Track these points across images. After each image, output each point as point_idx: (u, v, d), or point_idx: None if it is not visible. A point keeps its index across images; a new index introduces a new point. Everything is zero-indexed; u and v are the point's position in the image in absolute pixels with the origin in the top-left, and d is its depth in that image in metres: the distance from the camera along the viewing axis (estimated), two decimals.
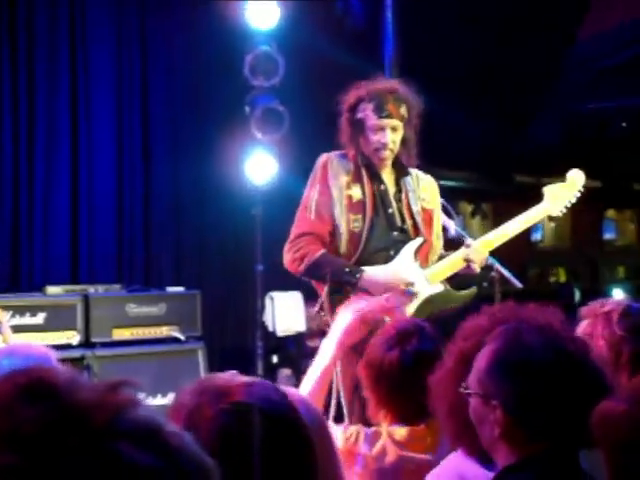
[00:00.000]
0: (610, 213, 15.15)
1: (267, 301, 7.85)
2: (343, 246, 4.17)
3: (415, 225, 4.28)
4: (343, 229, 4.17)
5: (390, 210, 4.24)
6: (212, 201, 8.20)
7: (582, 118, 10.49)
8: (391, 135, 4.17)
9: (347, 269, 4.08)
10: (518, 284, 4.47)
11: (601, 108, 10.42)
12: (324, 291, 4.13)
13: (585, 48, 9.63)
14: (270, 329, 7.84)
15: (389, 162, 4.27)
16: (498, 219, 11.98)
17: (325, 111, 8.32)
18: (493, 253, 4.47)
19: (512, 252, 4.50)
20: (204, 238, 8.29)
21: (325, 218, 4.19)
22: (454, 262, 4.24)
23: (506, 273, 4.46)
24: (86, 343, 6.40)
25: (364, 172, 4.25)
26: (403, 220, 4.26)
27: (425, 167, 4.44)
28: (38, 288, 6.76)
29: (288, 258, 4.31)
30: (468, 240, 4.27)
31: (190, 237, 8.23)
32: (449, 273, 4.24)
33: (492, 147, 9.96)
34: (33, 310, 6.28)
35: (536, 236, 13.82)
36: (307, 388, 3.06)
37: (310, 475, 1.51)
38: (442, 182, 4.76)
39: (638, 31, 9.48)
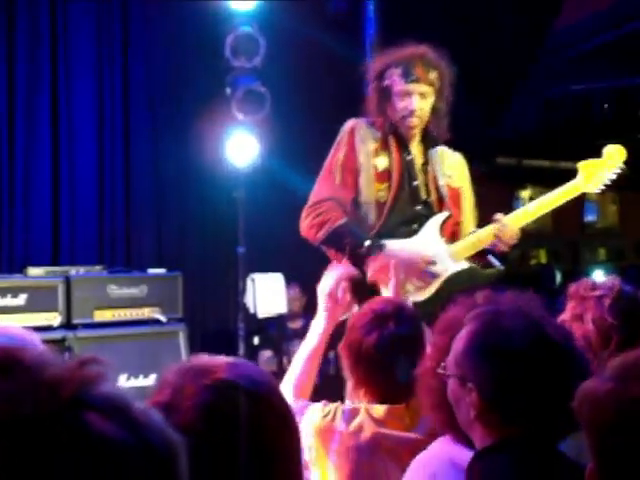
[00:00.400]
0: (591, 195, 15.17)
1: (248, 283, 7.84)
2: (365, 216, 3.98)
3: (440, 199, 4.09)
4: (368, 198, 3.99)
5: (415, 182, 4.05)
6: (193, 183, 8.19)
7: (562, 101, 10.51)
8: (419, 101, 3.97)
9: (368, 242, 3.84)
10: (499, 266, 4.47)
11: (582, 90, 10.45)
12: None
13: (564, 32, 9.64)
14: (251, 311, 7.84)
15: (417, 131, 4.08)
16: (479, 200, 12.00)
17: (306, 91, 8.34)
18: None
19: None
20: (185, 220, 8.28)
21: (349, 184, 4.00)
22: (481, 238, 4.04)
23: (488, 255, 4.46)
24: (67, 324, 6.39)
25: (392, 141, 4.05)
26: (428, 193, 4.06)
27: None
28: (19, 269, 6.74)
29: (306, 224, 4.01)
30: (497, 215, 4.08)
31: (171, 219, 8.22)
32: (475, 250, 4.05)
33: (472, 129, 9.96)
34: (14, 291, 6.26)
35: None
36: (297, 366, 3.08)
37: (290, 455, 1.53)
38: None
39: (614, 15, 9.50)
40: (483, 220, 4.21)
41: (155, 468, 0.75)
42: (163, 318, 6.75)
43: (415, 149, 4.10)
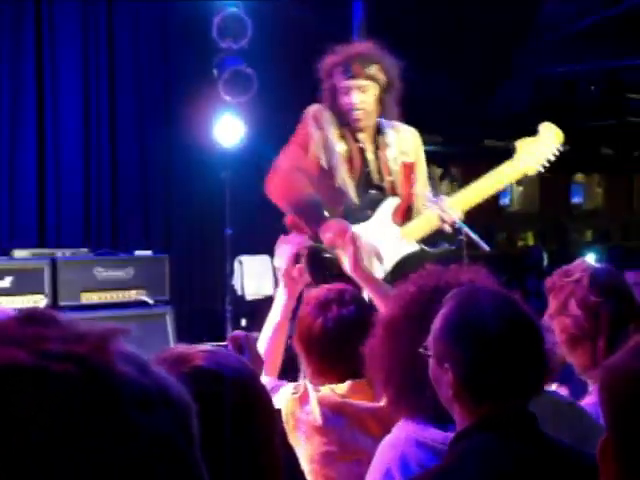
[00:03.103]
0: (578, 177, 15.21)
1: (236, 265, 7.84)
2: (337, 196, 4.21)
3: (393, 182, 4.29)
4: (341, 179, 4.22)
5: (367, 169, 4.27)
6: (180, 164, 8.16)
7: (551, 82, 10.51)
8: (359, 95, 4.19)
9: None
10: (486, 247, 4.49)
11: (569, 72, 10.45)
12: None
13: (552, 11, 9.63)
14: (239, 293, 7.84)
15: (365, 123, 4.28)
16: (467, 183, 12.01)
17: (293, 73, 8.31)
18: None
19: (480, 216, 4.50)
20: (172, 202, 8.26)
21: (317, 163, 4.24)
22: (429, 220, 4.22)
23: (474, 237, 4.48)
24: (54, 307, 6.36)
25: (346, 130, 4.28)
26: (381, 178, 4.28)
27: None
28: (5, 252, 6.71)
29: (276, 188, 4.28)
30: (442, 199, 4.19)
31: (158, 201, 8.19)
32: (425, 231, 4.26)
33: (461, 111, 9.96)
34: (0, 274, 6.25)
35: (504, 200, 13.86)
36: (263, 343, 3.14)
37: (269, 436, 1.55)
38: None
39: None
40: (476, 206, 4.27)
41: (174, 417, 0.78)
42: (150, 300, 6.74)
43: (366, 136, 4.30)
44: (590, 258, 11.01)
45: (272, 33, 8.00)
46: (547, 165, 4.39)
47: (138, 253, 7.03)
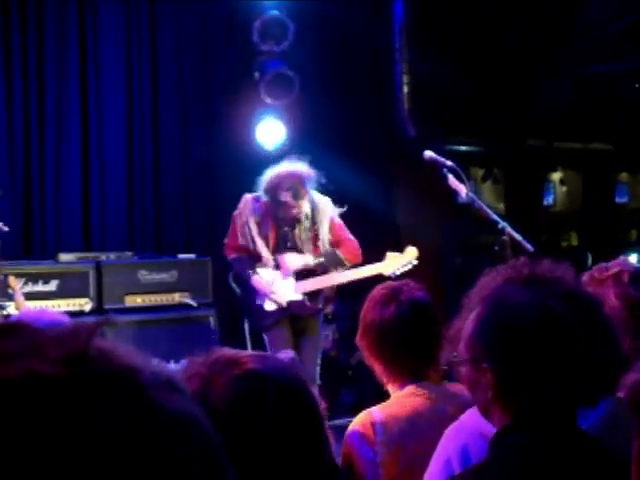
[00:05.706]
0: (623, 176, 15.04)
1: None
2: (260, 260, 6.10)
3: (303, 246, 6.03)
4: (262, 250, 6.03)
5: (289, 243, 6.05)
6: (222, 167, 8.19)
7: (594, 80, 10.41)
8: (304, 207, 5.94)
9: (249, 272, 6.05)
10: (529, 248, 4.47)
11: (613, 70, 10.35)
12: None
13: (595, 10, 9.54)
14: None
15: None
16: (510, 183, 11.93)
17: (334, 75, 8.32)
18: (505, 218, 4.45)
19: (524, 216, 4.47)
20: (215, 204, 8.29)
21: (247, 242, 6.04)
22: (325, 280, 6.02)
23: (517, 237, 4.47)
24: (99, 310, 6.43)
25: (270, 220, 6.02)
26: (294, 244, 6.04)
27: (435, 133, 4.41)
28: (51, 256, 6.78)
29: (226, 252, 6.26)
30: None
31: (201, 204, 8.23)
32: (315, 287, 6.02)
33: (503, 111, 9.90)
34: (46, 277, 6.32)
35: (548, 200, 13.73)
36: None
37: (317, 440, 1.56)
38: (454, 147, 4.75)
39: None
40: (514, 208, 4.25)
41: (189, 401, 0.79)
42: (193, 303, 6.78)
43: (289, 224, 6.03)
44: (633, 258, 10.91)
45: (313, 36, 8.02)
46: (398, 274, 5.72)
47: (181, 256, 7.07)
